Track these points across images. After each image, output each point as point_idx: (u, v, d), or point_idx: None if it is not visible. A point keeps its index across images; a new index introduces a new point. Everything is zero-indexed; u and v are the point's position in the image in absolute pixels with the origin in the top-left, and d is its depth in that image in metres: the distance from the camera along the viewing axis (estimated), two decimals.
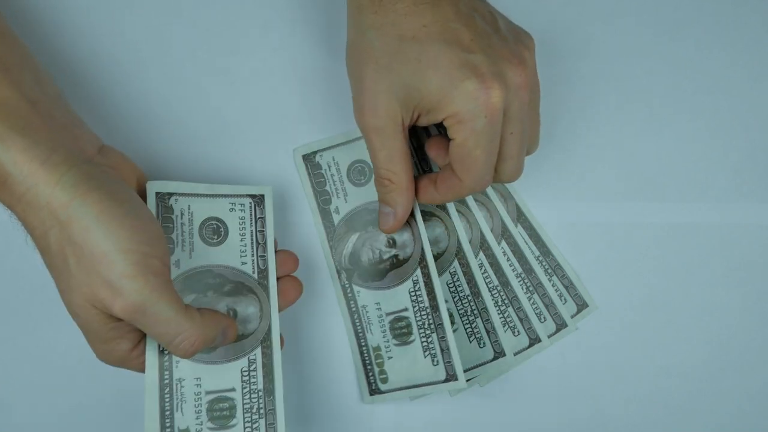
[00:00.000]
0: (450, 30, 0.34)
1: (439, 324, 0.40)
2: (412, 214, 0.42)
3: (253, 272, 0.38)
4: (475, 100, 0.33)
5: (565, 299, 0.44)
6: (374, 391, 0.41)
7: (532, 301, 0.43)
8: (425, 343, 0.41)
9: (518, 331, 0.43)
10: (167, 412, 0.35)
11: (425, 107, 0.35)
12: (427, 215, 0.43)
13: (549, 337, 0.43)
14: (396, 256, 0.42)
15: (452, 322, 0.42)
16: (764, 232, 0.45)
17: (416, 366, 0.41)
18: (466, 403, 0.43)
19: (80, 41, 0.43)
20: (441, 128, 0.38)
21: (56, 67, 0.42)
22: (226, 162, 0.43)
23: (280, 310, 0.39)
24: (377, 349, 0.41)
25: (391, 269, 0.42)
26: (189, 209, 0.38)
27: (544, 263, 0.44)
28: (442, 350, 0.40)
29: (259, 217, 0.39)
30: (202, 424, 0.35)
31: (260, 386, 0.37)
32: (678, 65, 0.46)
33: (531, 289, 0.43)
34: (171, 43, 0.43)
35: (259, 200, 0.39)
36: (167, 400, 0.35)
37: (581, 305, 0.44)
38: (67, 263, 0.31)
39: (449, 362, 0.40)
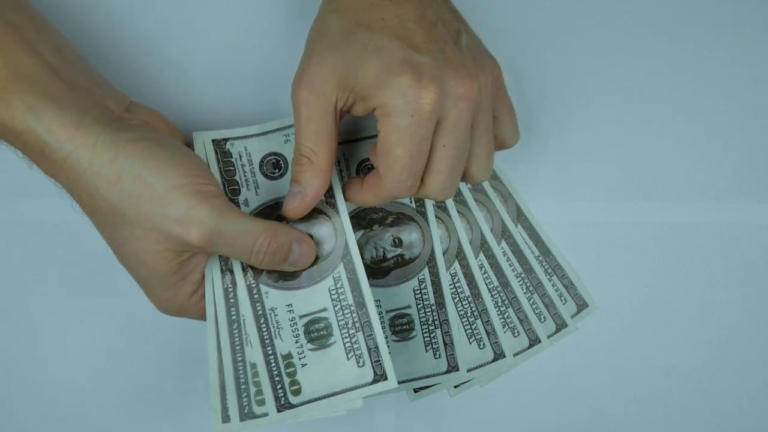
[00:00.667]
0: (406, 28, 0.34)
1: (444, 320, 0.41)
2: (425, 216, 0.42)
3: None
4: (404, 96, 0.33)
5: (565, 299, 0.44)
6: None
7: (532, 301, 0.43)
8: (428, 338, 0.41)
9: (518, 332, 0.43)
10: (267, 340, 0.36)
11: (359, 93, 0.34)
12: None
13: (549, 337, 0.43)
14: (401, 255, 0.42)
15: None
16: (764, 232, 0.45)
17: (416, 360, 0.41)
18: (466, 403, 0.43)
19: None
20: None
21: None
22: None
23: None
24: None
25: (394, 268, 0.42)
26: (246, 150, 0.40)
27: (544, 263, 0.44)
28: (445, 344, 0.40)
29: None
30: (302, 347, 0.36)
31: (350, 301, 0.37)
32: (678, 65, 0.46)
33: (531, 289, 0.43)
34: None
35: None
36: (264, 329, 0.36)
37: (581, 305, 0.44)
38: (125, 216, 0.33)
39: (452, 355, 0.40)
